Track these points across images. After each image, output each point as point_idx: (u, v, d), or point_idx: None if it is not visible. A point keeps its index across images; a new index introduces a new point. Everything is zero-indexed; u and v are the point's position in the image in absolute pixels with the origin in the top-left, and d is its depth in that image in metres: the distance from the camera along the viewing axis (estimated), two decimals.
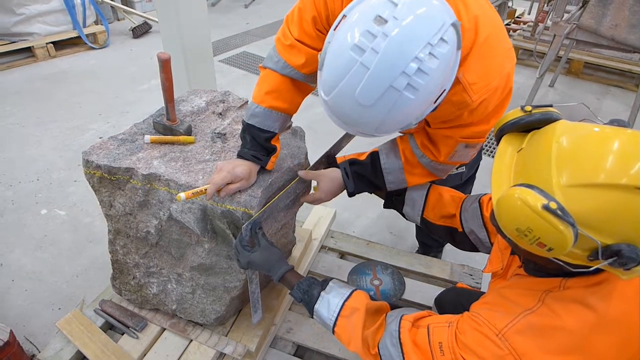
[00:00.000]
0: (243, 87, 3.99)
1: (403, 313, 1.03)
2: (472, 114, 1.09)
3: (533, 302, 0.84)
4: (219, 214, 1.26)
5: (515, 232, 0.75)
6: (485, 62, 1.04)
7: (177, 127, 1.46)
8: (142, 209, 1.39)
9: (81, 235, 2.34)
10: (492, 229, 1.28)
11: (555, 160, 0.74)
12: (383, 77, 0.85)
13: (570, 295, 0.83)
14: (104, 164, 1.33)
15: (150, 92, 3.82)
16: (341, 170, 1.38)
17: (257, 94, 1.26)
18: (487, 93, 1.05)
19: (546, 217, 0.70)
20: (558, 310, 0.82)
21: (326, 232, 2.11)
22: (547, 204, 0.70)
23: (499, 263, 1.10)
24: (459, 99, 1.05)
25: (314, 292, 1.12)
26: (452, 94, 1.03)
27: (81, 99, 3.67)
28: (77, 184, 2.69)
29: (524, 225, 0.73)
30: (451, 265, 1.95)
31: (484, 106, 1.08)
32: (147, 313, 1.63)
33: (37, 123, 3.30)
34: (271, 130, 1.26)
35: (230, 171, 1.21)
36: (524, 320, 0.83)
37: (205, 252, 1.38)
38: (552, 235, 0.71)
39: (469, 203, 1.33)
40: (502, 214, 0.76)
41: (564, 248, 0.72)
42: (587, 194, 0.70)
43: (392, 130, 0.97)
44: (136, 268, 1.54)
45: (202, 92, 1.72)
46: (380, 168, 1.33)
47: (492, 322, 0.86)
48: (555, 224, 0.70)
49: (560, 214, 0.70)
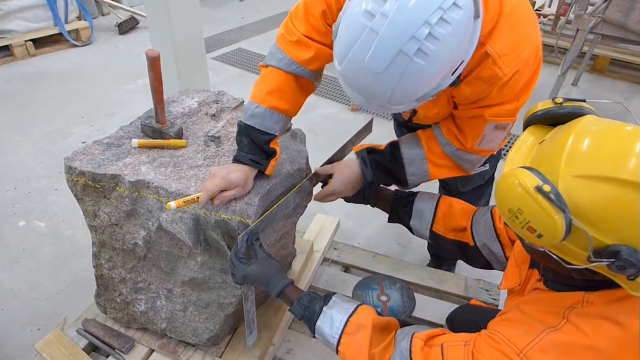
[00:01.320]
0: (238, 86, 4.02)
1: (415, 330, 1.03)
2: (502, 90, 1.12)
3: (556, 319, 0.85)
4: (213, 223, 1.27)
5: (507, 213, 0.79)
6: (515, 33, 1.07)
7: (167, 129, 1.48)
8: (129, 219, 1.40)
9: (62, 249, 2.35)
10: (507, 242, 1.29)
11: (568, 150, 0.77)
12: (392, 42, 0.89)
13: (595, 312, 0.84)
14: (87, 170, 1.35)
15: (137, 92, 3.85)
16: (358, 159, 1.40)
17: (257, 93, 1.28)
18: (518, 64, 1.08)
19: (537, 199, 0.74)
20: (584, 328, 0.82)
21: (329, 243, 2.12)
22: (541, 186, 0.74)
23: (516, 278, 1.10)
24: (490, 74, 1.08)
25: (315, 308, 1.13)
26: (481, 68, 1.08)
27: (63, 100, 3.70)
28: (59, 193, 2.71)
29: (515, 205, 0.77)
30: (466, 280, 1.95)
31: (515, 80, 1.10)
32: (134, 333, 1.64)
33: (15, 127, 3.33)
34: (271, 133, 1.28)
35: (225, 177, 1.22)
36: (548, 339, 0.83)
37: (198, 266, 1.39)
38: (542, 219, 0.74)
39: (480, 215, 1.34)
40: (499, 192, 0.80)
41: (553, 236, 0.75)
42: (588, 186, 0.73)
43: (407, 100, 1.00)
44: (122, 284, 1.55)
45: (194, 92, 1.74)
46: (400, 157, 1.36)
47: (513, 340, 0.86)
48: (546, 208, 0.73)
49: (552, 198, 0.73)
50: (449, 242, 1.38)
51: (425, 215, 1.39)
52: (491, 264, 1.35)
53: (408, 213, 1.42)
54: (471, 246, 1.34)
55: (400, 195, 1.44)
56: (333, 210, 2.60)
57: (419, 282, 1.95)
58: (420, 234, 1.44)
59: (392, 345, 1.03)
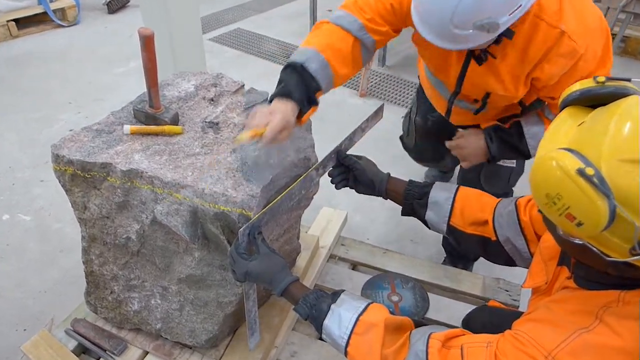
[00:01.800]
0: (237, 69, 4.01)
1: (431, 331, 1.03)
2: (585, 62, 1.34)
3: (588, 319, 0.84)
4: (212, 216, 1.27)
5: (544, 198, 0.77)
6: (578, 9, 1.34)
7: (161, 115, 1.48)
8: (122, 211, 1.40)
9: (50, 244, 2.36)
10: (532, 237, 1.28)
11: (612, 131, 0.75)
12: None
13: (631, 312, 0.83)
14: (76, 159, 1.35)
15: (128, 76, 3.85)
16: (485, 135, 1.66)
17: (317, 41, 1.39)
18: (589, 35, 1.33)
19: (579, 182, 0.72)
20: (619, 329, 0.82)
21: (336, 239, 2.12)
22: (583, 169, 0.72)
23: (542, 276, 1.09)
24: (569, 49, 1.33)
25: (322, 306, 1.13)
26: (559, 46, 1.33)
27: (48, 85, 3.71)
28: (45, 185, 2.72)
29: (554, 190, 0.75)
30: (484, 279, 1.95)
31: (593, 49, 1.33)
32: (127, 334, 1.65)
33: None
34: (320, 84, 1.36)
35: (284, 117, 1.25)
36: (579, 340, 0.83)
37: (195, 262, 1.39)
38: (583, 205, 0.73)
39: (503, 207, 1.33)
40: (534, 176, 0.79)
41: (595, 224, 0.73)
42: (635, 170, 0.71)
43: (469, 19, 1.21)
44: (114, 281, 1.56)
45: (190, 74, 1.74)
46: (523, 133, 1.62)
47: (540, 341, 0.86)
48: (588, 192, 0.72)
49: (595, 182, 0.71)
50: (469, 237, 1.37)
51: (442, 208, 1.39)
52: (514, 260, 1.35)
53: (423, 205, 1.42)
54: (493, 241, 1.33)
55: (415, 186, 1.44)
56: (340, 203, 2.60)
57: (433, 281, 1.95)
58: (437, 228, 1.43)
59: (406, 347, 1.03)
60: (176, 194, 1.30)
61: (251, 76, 3.84)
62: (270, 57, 4.29)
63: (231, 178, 1.32)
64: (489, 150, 1.67)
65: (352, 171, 1.46)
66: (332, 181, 1.48)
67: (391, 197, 1.49)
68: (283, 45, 4.48)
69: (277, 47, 4.46)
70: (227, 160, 1.38)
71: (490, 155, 1.68)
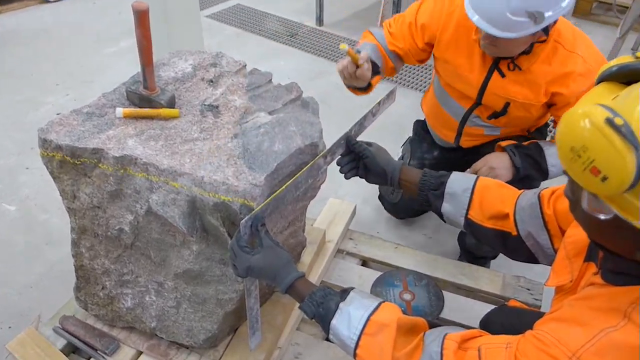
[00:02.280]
0: (237, 48, 4.00)
1: (446, 332, 1.03)
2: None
3: (616, 317, 0.84)
4: (211, 206, 1.27)
5: (569, 153, 0.79)
6: (583, 41, 1.76)
7: (156, 97, 1.47)
8: (114, 200, 1.40)
9: (36, 236, 2.37)
10: (556, 232, 1.28)
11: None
12: None
13: None
14: (65, 143, 1.35)
15: (120, 55, 3.84)
16: (507, 151, 1.87)
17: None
18: (598, 60, 1.73)
19: (606, 132, 0.73)
20: None
21: (344, 233, 2.12)
22: (612, 119, 0.73)
23: (567, 274, 1.09)
24: (584, 70, 1.69)
25: (330, 305, 1.13)
26: (578, 67, 1.70)
27: (33, 65, 3.71)
28: (31, 172, 2.73)
29: (579, 141, 0.77)
30: (503, 277, 1.95)
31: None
32: (119, 332, 1.66)
33: None
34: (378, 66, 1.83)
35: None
36: (606, 340, 0.83)
37: (193, 256, 1.40)
38: (609, 156, 0.74)
39: (525, 199, 1.33)
40: (561, 131, 0.81)
41: (621, 180, 0.73)
42: None
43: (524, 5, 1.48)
44: (106, 276, 1.57)
45: (187, 53, 1.73)
46: (542, 149, 1.86)
47: (564, 341, 0.86)
48: (616, 142, 0.73)
49: (623, 132, 0.72)
50: (488, 232, 1.37)
51: (459, 199, 1.38)
52: (536, 257, 1.34)
53: (439, 196, 1.41)
54: (513, 236, 1.33)
55: (430, 176, 1.43)
56: (348, 194, 2.60)
57: (449, 278, 1.95)
58: (453, 222, 1.43)
59: (419, 349, 1.03)
60: (173, 183, 1.30)
61: (252, 56, 3.82)
62: (273, 36, 4.27)
63: (232, 165, 1.32)
64: (514, 164, 1.85)
65: (362, 159, 1.46)
66: (340, 170, 1.48)
67: (404, 188, 1.48)
68: (286, 23, 4.46)
69: (280, 25, 4.44)
70: (227, 146, 1.38)
71: (515, 169, 1.86)
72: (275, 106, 1.56)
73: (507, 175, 1.87)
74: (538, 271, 2.09)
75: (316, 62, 3.94)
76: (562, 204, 1.24)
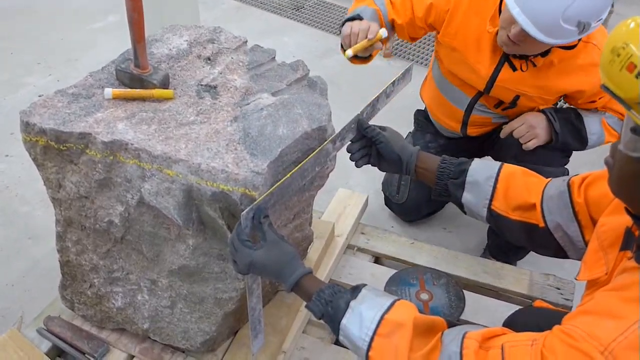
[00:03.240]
0: (235, 23, 4.00)
1: (466, 330, 1.04)
2: None
3: None
4: (209, 196, 1.28)
5: (609, 54, 0.87)
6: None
7: (149, 76, 1.48)
8: (103, 190, 1.41)
9: (17, 230, 2.39)
10: (587, 222, 1.28)
11: None
12: None
13: None
14: (49, 127, 1.36)
15: (107, 32, 3.85)
16: (547, 114, 1.93)
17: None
18: None
19: None
20: None
21: (355, 227, 2.13)
22: None
23: (601, 266, 1.09)
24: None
25: (340, 303, 1.13)
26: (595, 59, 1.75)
27: (12, 43, 3.72)
28: (10, 160, 2.75)
29: (620, 41, 0.85)
30: (530, 275, 1.95)
31: None
32: (109, 334, 1.68)
33: None
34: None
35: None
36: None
37: (190, 251, 1.41)
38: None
39: (553, 188, 1.33)
40: (608, 38, 0.89)
41: None
42: None
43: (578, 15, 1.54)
44: (94, 272, 1.58)
45: (182, 29, 1.74)
46: (581, 116, 1.93)
47: (595, 334, 0.87)
48: None
49: None
50: (513, 224, 1.37)
51: (482, 189, 1.38)
52: (565, 250, 1.35)
53: (459, 185, 1.41)
54: (541, 228, 1.33)
55: (450, 163, 1.44)
56: (360, 185, 2.60)
57: (470, 276, 1.96)
58: (475, 214, 1.43)
59: (437, 350, 1.04)
60: (167, 170, 1.31)
61: (253, 32, 3.81)
62: (276, 9, 4.26)
63: (232, 151, 1.32)
64: (553, 128, 1.91)
65: (374, 145, 1.46)
66: (351, 157, 1.48)
67: (421, 176, 1.48)
68: None
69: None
70: (227, 130, 1.38)
71: (554, 133, 1.91)
72: (279, 86, 1.56)
73: (545, 137, 1.94)
74: (568, 269, 2.10)
75: (324, 38, 3.93)
76: (594, 190, 1.25)
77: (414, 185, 2.28)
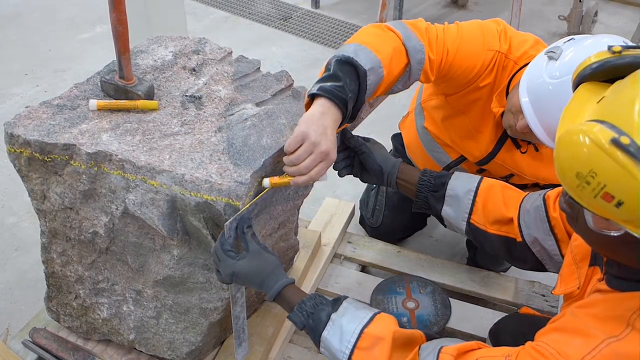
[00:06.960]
0: (224, 34, 4.01)
1: (442, 345, 1.05)
2: None
3: (619, 326, 0.86)
4: (193, 206, 1.29)
5: (575, 180, 0.79)
6: None
7: (133, 87, 1.48)
8: (87, 201, 1.42)
9: (3, 242, 2.38)
10: (563, 236, 1.29)
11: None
12: None
13: None
14: (34, 139, 1.36)
15: (95, 42, 3.85)
16: None
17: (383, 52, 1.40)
18: None
19: (615, 154, 0.74)
20: None
21: (341, 235, 2.13)
22: (617, 138, 0.73)
23: (574, 280, 1.11)
24: None
25: (321, 315, 1.14)
26: None
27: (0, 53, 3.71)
28: None
29: (586, 167, 0.77)
30: (516, 283, 1.97)
31: None
32: (95, 346, 1.67)
33: None
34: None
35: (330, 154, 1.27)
36: (608, 351, 0.85)
37: (174, 261, 1.41)
38: (622, 180, 0.74)
39: (529, 202, 1.34)
40: (559, 156, 0.81)
41: (638, 201, 0.74)
42: None
43: None
44: (79, 283, 1.58)
45: (167, 40, 1.75)
46: None
47: (564, 352, 0.89)
48: (627, 165, 0.73)
49: (633, 151, 0.72)
50: (492, 238, 1.38)
51: (461, 202, 1.39)
52: (543, 264, 1.36)
53: (439, 199, 1.42)
54: (519, 242, 1.34)
55: (430, 176, 1.45)
56: (346, 193, 2.61)
57: (457, 284, 1.97)
58: (455, 227, 1.44)
59: None
60: (151, 181, 1.32)
61: (241, 42, 3.83)
62: (264, 19, 4.27)
63: (216, 162, 1.33)
64: None
65: (357, 155, 1.47)
66: (334, 167, 1.48)
67: (402, 188, 1.49)
68: (279, 5, 4.47)
69: (272, 7, 4.45)
70: (211, 140, 1.39)
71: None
72: (264, 97, 1.57)
73: None
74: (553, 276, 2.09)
75: (311, 48, 3.95)
76: None
77: (388, 212, 2.20)
